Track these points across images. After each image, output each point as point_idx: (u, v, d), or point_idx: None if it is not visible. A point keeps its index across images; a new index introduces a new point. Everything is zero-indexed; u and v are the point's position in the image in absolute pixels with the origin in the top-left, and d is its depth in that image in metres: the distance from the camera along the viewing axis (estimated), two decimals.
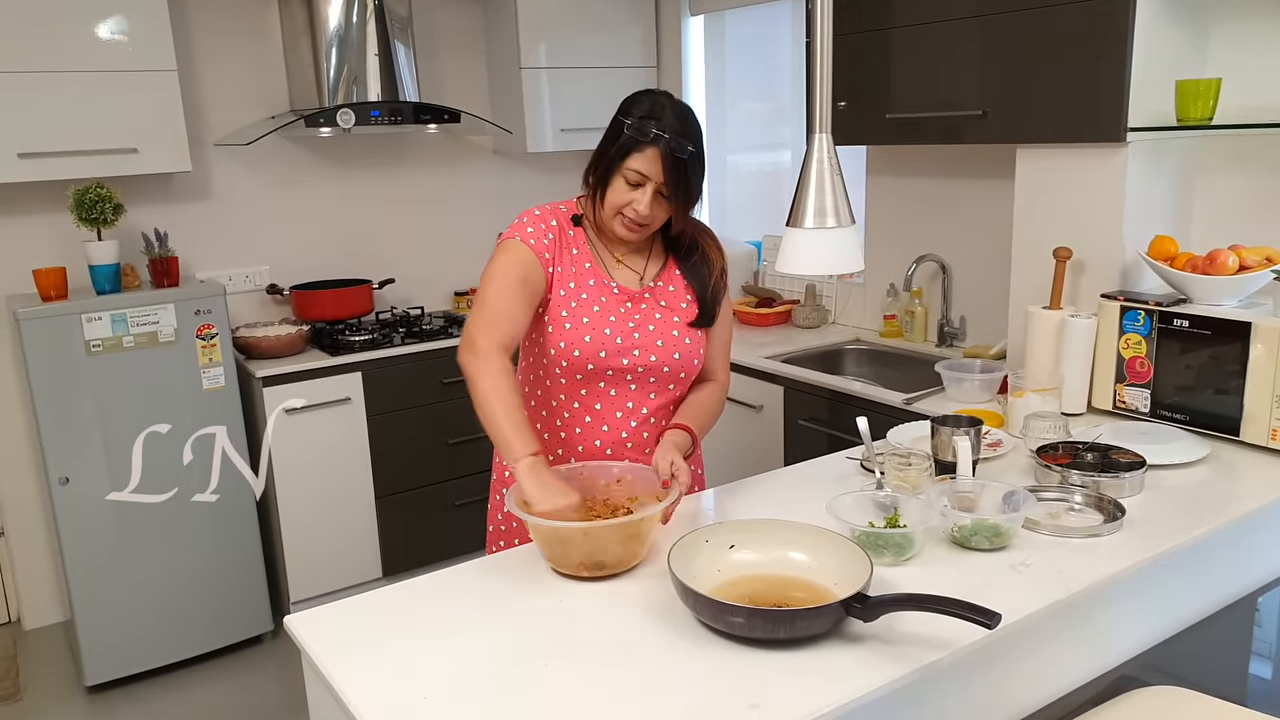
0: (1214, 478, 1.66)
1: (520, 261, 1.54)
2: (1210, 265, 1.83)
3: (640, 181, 1.49)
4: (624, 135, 1.48)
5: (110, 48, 2.66)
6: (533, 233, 1.57)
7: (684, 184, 1.49)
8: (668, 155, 1.46)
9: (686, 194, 1.51)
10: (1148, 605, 1.45)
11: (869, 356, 2.94)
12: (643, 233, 1.55)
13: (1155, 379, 1.89)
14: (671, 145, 1.46)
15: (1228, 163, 2.12)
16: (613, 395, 1.59)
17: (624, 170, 1.49)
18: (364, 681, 1.12)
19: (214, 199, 3.21)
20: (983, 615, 1.03)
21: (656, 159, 1.47)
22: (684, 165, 1.48)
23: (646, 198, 1.49)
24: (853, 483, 1.65)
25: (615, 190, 1.51)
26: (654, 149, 1.47)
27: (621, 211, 1.52)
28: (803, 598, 1.24)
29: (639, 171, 1.48)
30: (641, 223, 1.52)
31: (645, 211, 1.50)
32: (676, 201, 1.51)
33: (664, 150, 1.46)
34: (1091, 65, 1.98)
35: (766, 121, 3.53)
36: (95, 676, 2.70)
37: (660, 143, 1.46)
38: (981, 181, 2.70)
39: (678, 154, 1.47)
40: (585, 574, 1.34)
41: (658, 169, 1.47)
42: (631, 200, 1.50)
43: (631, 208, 1.50)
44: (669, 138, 1.46)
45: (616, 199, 1.51)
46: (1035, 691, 1.32)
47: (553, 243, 1.57)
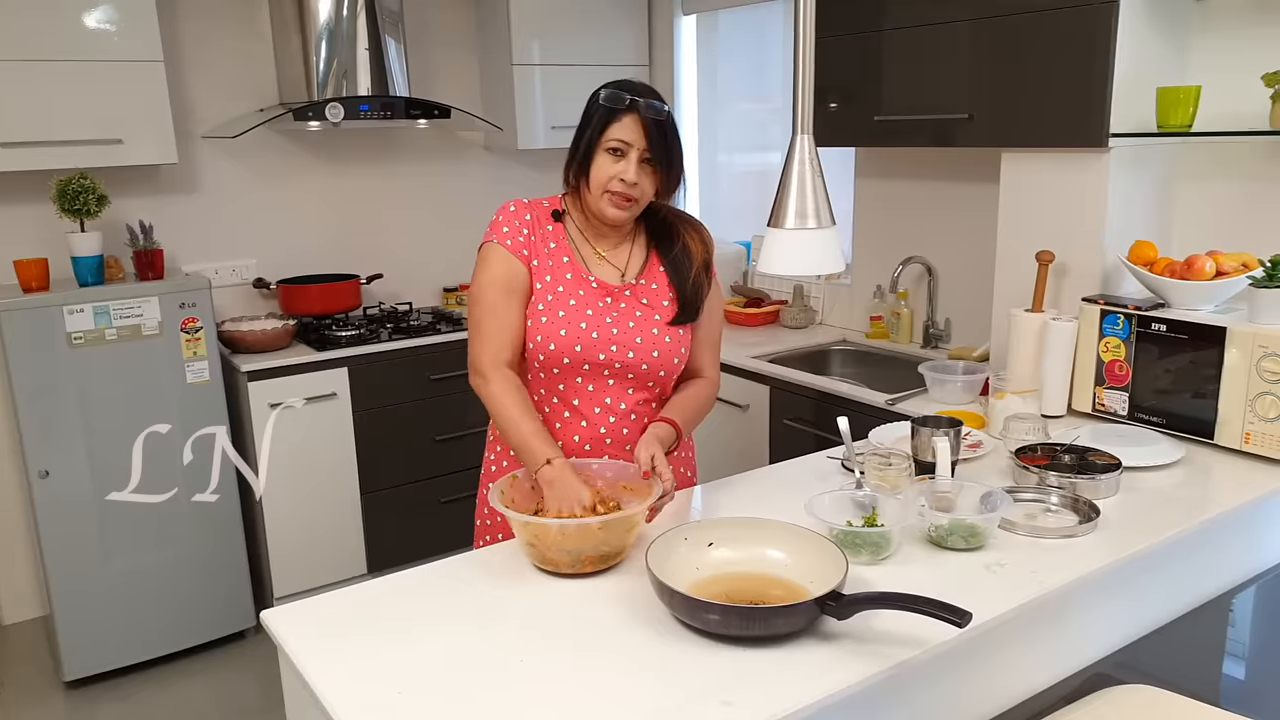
0: (1189, 480, 1.68)
1: (501, 267, 1.56)
2: (1188, 271, 1.85)
3: (623, 149, 1.50)
4: (598, 109, 1.51)
5: (96, 37, 2.65)
6: (508, 231, 1.58)
7: (665, 147, 1.51)
8: (647, 118, 1.49)
9: (669, 159, 1.52)
10: (1121, 605, 1.47)
11: (855, 357, 2.96)
12: (632, 208, 1.55)
13: (1133, 382, 1.90)
14: (649, 108, 1.49)
15: (1206, 169, 2.15)
16: (591, 391, 1.59)
17: (605, 143, 1.50)
18: (338, 677, 1.12)
19: (200, 192, 3.19)
20: (954, 614, 1.04)
21: (636, 123, 1.49)
22: (663, 128, 1.50)
23: (632, 165, 1.50)
24: (834, 482, 1.66)
25: (599, 167, 1.52)
26: (630, 115, 1.49)
27: (608, 189, 1.52)
28: (780, 596, 1.24)
29: (620, 140, 1.50)
30: (630, 195, 1.52)
31: (633, 178, 1.51)
32: (660, 167, 1.52)
33: (642, 113, 1.49)
34: (1076, 72, 2.00)
35: (758, 122, 3.54)
36: (74, 672, 2.68)
37: (637, 106, 1.49)
38: (968, 185, 2.72)
39: (656, 116, 1.49)
40: (566, 570, 1.34)
41: (639, 133, 1.49)
42: (617, 171, 1.51)
43: (618, 179, 1.51)
44: (643, 101, 1.49)
45: (601, 175, 1.52)
46: (1008, 689, 1.34)
47: (528, 237, 1.59)
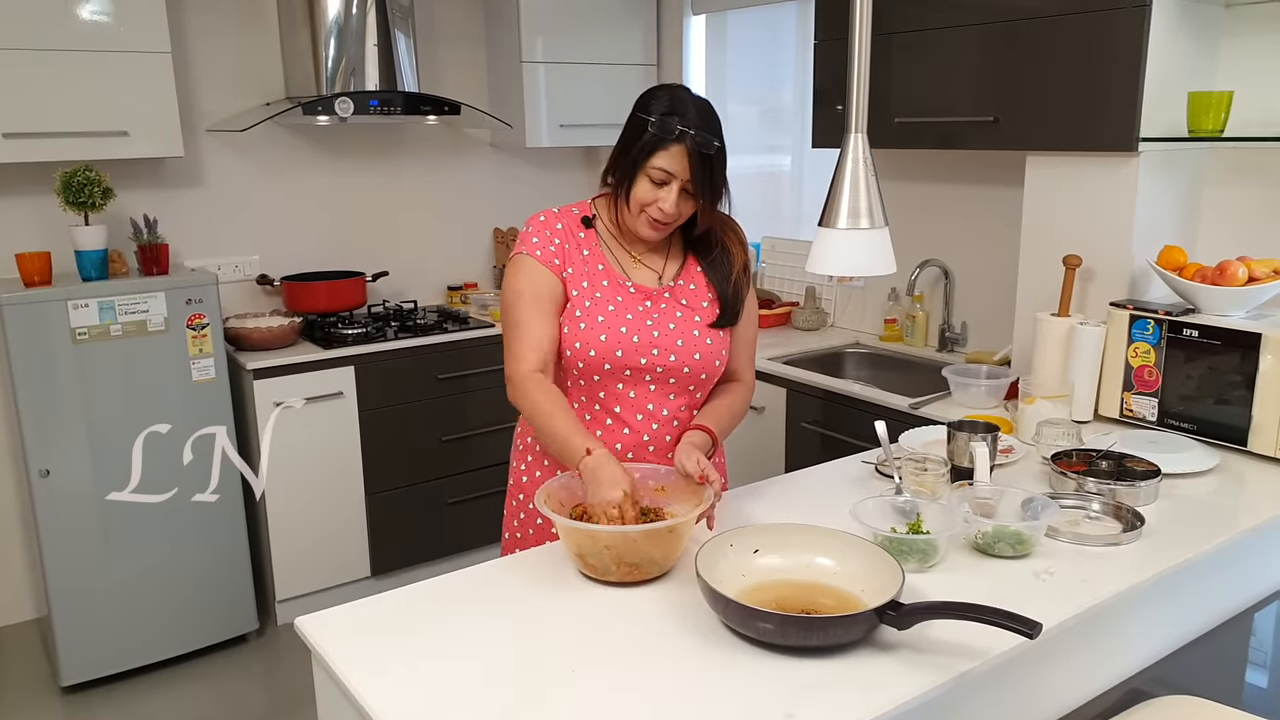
0: (1224, 487, 1.66)
1: (530, 279, 1.53)
2: (1220, 276, 1.84)
3: (666, 180, 1.46)
4: (648, 134, 1.45)
5: (102, 27, 2.59)
6: (538, 242, 1.55)
7: (710, 180, 1.47)
8: (694, 152, 1.44)
9: (712, 190, 1.48)
10: (1164, 615, 1.45)
11: (869, 360, 2.93)
12: (667, 230, 1.53)
13: (1163, 388, 1.89)
14: (698, 141, 1.44)
15: (1234, 175, 2.14)
16: (632, 397, 1.56)
17: (649, 169, 1.46)
18: (382, 686, 1.09)
19: (204, 186, 3.13)
20: (1024, 624, 1.01)
21: (683, 156, 1.44)
22: (710, 161, 1.46)
23: (673, 196, 1.47)
24: (870, 487, 1.64)
25: (640, 189, 1.48)
26: (679, 146, 1.44)
27: (645, 210, 1.49)
28: (830, 604, 1.22)
29: (665, 170, 1.45)
30: (667, 221, 1.50)
31: (671, 210, 1.47)
32: (703, 198, 1.48)
33: (690, 147, 1.44)
34: (1106, 75, 1.98)
35: (767, 123, 3.52)
36: (72, 676, 2.61)
37: (686, 139, 1.44)
38: (986, 188, 2.70)
39: (704, 150, 1.44)
40: (615, 579, 1.30)
41: (684, 166, 1.45)
42: (657, 199, 1.47)
43: (657, 206, 1.48)
44: (694, 134, 1.44)
45: (641, 197, 1.48)
46: (1054, 702, 1.31)
47: (560, 246, 1.55)
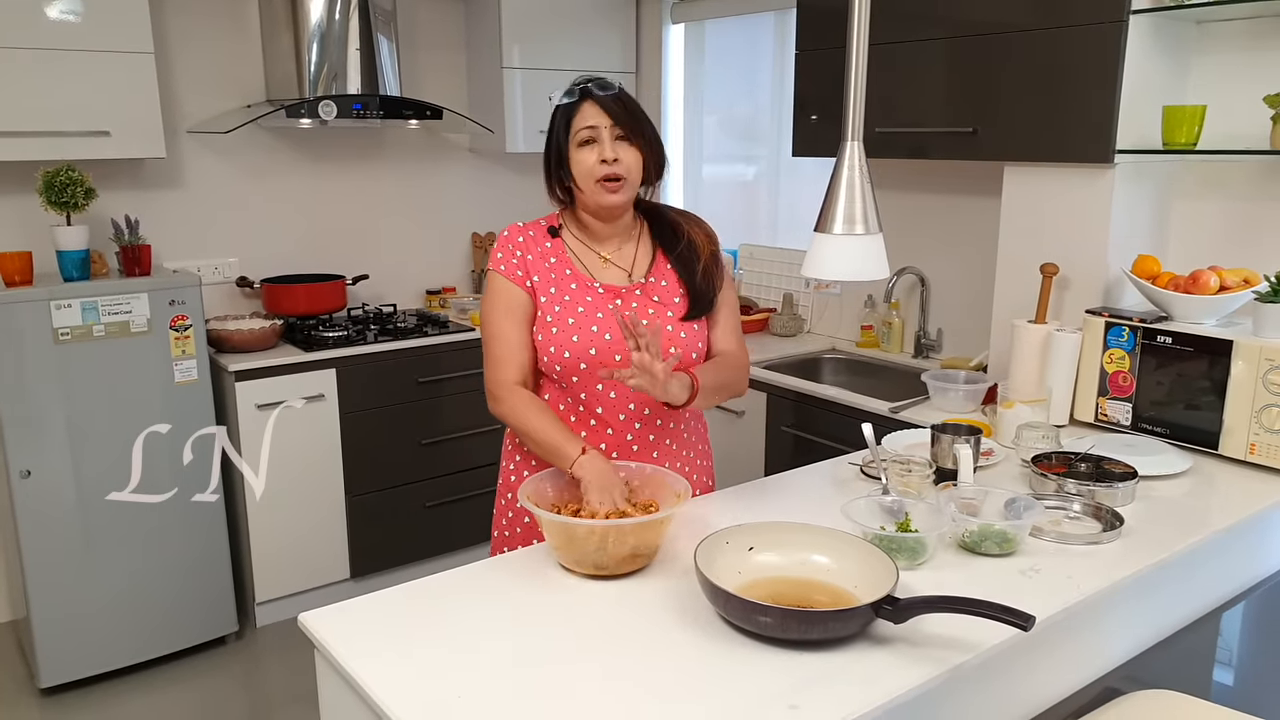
0: (1197, 489, 1.72)
1: (501, 294, 1.60)
2: (1193, 285, 1.91)
3: (593, 136, 1.53)
4: (557, 111, 1.56)
5: (85, 27, 2.56)
6: (502, 257, 1.61)
7: (632, 118, 1.54)
8: (602, 99, 1.53)
9: (640, 129, 1.55)
10: (1142, 612, 1.50)
11: (846, 365, 2.99)
12: (625, 188, 1.55)
13: (1137, 393, 1.95)
14: (598, 85, 1.54)
15: (1202, 188, 2.21)
16: (613, 398, 1.59)
17: (575, 136, 1.54)
18: (392, 682, 1.10)
19: (183, 188, 3.11)
20: (1018, 617, 1.05)
21: (593, 107, 1.53)
22: (622, 101, 1.54)
23: (608, 144, 1.53)
24: (856, 487, 1.68)
25: (579, 162, 1.55)
26: (586, 101, 1.53)
27: (596, 176, 1.54)
28: (825, 600, 1.25)
29: (587, 127, 1.53)
30: (618, 173, 1.53)
31: (612, 154, 1.52)
32: (635, 138, 1.54)
33: (596, 96, 1.53)
34: (1084, 89, 2.05)
35: (744, 132, 3.57)
36: (50, 679, 2.58)
37: (588, 93, 1.54)
38: (962, 197, 2.77)
39: (608, 91, 1.54)
40: (600, 572, 1.34)
41: (599, 113, 1.53)
42: (596, 156, 1.54)
43: (599, 162, 1.53)
44: (592, 84, 1.54)
45: (584, 167, 1.54)
46: (1041, 695, 1.36)
47: (522, 259, 1.60)
